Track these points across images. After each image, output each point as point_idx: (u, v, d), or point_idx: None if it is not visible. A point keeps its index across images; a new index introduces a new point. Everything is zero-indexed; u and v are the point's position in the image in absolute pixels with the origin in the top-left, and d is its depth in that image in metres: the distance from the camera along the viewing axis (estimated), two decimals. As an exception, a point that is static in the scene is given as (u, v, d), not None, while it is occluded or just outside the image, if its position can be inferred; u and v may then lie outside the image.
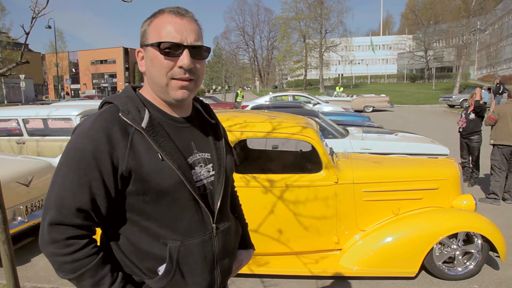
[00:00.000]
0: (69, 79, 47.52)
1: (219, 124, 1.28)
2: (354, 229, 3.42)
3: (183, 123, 1.14)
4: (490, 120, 5.77)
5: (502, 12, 46.48)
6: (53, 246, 0.98)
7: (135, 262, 1.08)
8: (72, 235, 0.98)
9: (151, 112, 1.08)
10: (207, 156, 1.17)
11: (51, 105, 8.10)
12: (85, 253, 0.99)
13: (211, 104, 19.16)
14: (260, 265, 3.35)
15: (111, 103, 1.09)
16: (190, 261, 1.09)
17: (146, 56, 1.09)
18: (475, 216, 3.41)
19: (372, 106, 22.22)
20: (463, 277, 3.43)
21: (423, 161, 4.16)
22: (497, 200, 5.64)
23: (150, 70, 1.08)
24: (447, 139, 8.94)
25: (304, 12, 47.21)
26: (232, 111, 5.36)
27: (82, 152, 0.99)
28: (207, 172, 1.15)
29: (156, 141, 1.04)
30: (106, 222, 1.07)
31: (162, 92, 1.08)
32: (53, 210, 0.98)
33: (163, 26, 1.05)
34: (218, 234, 1.15)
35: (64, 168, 1.01)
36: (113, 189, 1.02)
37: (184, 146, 1.11)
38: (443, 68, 57.35)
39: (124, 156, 1.01)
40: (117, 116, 1.04)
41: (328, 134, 5.95)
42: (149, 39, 1.07)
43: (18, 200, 3.89)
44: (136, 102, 1.08)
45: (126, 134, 1.02)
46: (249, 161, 4.31)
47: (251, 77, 75.20)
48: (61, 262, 0.99)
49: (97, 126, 1.01)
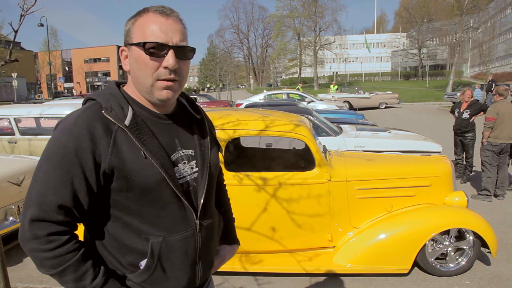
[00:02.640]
0: (62, 77, 47.11)
1: (205, 119, 1.27)
2: (348, 227, 3.43)
3: (167, 120, 1.14)
4: (489, 121, 5.69)
5: (494, 10, 46.82)
6: (34, 242, 0.97)
7: (117, 257, 1.08)
8: (53, 231, 0.98)
9: (135, 110, 1.07)
10: (190, 152, 1.17)
11: (44, 104, 8.02)
12: (67, 248, 0.99)
13: (206, 103, 19.20)
14: (254, 263, 3.35)
15: (95, 99, 1.08)
16: (171, 257, 1.10)
17: (130, 55, 1.08)
18: (466, 213, 3.44)
19: (385, 103, 22.94)
20: (455, 273, 3.46)
21: (415, 158, 4.19)
22: (489, 197, 5.69)
23: (134, 69, 1.08)
24: (440, 136, 9.00)
25: (298, 10, 47.26)
26: (226, 109, 5.35)
27: (64, 148, 0.99)
28: (190, 169, 1.15)
29: (139, 138, 1.04)
30: (89, 218, 1.07)
31: (147, 92, 1.08)
32: (35, 207, 0.98)
33: (148, 26, 1.04)
34: (202, 230, 1.16)
35: (46, 164, 1.00)
36: (95, 186, 1.02)
37: (168, 143, 1.11)
38: (437, 66, 57.72)
39: (106, 153, 1.00)
40: (100, 113, 1.03)
41: (322, 132, 5.97)
42: (133, 38, 1.06)
43: (10, 200, 3.86)
44: (119, 99, 1.08)
45: (109, 132, 1.02)
46: (243, 159, 4.31)
47: (246, 75, 75.13)
48: (42, 258, 0.98)
49: (80, 123, 1.01)
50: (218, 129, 3.28)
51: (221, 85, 40.17)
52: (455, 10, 32.53)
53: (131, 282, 1.10)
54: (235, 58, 66.06)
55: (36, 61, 59.78)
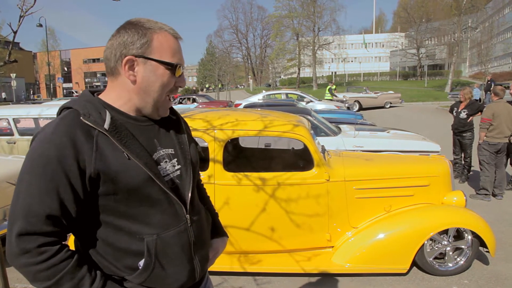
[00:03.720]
0: (61, 78, 47.11)
1: (181, 119, 1.31)
2: (346, 227, 3.44)
3: (145, 122, 1.16)
4: (485, 122, 5.69)
5: (492, 10, 46.93)
6: (24, 257, 0.95)
7: (113, 262, 1.08)
8: (43, 242, 0.96)
9: (112, 114, 1.08)
10: (170, 151, 1.19)
11: (42, 104, 8.02)
12: (60, 258, 0.98)
13: (205, 103, 19.17)
14: (253, 263, 3.35)
15: (70, 108, 1.08)
16: (168, 253, 1.11)
17: (146, 68, 1.09)
18: (465, 212, 3.45)
19: (390, 102, 23.29)
20: (454, 273, 3.46)
21: (414, 158, 4.20)
22: (488, 196, 5.70)
23: (149, 83, 1.10)
24: (439, 136, 9.01)
25: (297, 10, 47.15)
26: (225, 109, 5.36)
27: (46, 158, 0.98)
28: (172, 167, 1.18)
29: (121, 141, 1.05)
30: (78, 226, 1.07)
31: (152, 107, 1.14)
32: (21, 220, 0.95)
33: (170, 47, 1.11)
34: (193, 223, 1.19)
35: (28, 175, 0.98)
36: (82, 193, 1.01)
37: (148, 144, 1.13)
38: (435, 66, 57.77)
39: (90, 158, 1.00)
40: (79, 119, 1.03)
41: (321, 132, 5.97)
42: (154, 54, 1.09)
43: (9, 201, 3.83)
44: (96, 105, 1.08)
45: (90, 137, 1.02)
46: (241, 159, 4.31)
47: (245, 75, 75.15)
48: (35, 271, 0.96)
49: (59, 131, 1.00)
50: (217, 129, 3.28)
51: (220, 85, 40.17)
52: (453, 10, 32.59)
53: (131, 284, 1.09)
54: (234, 58, 66.19)
55: (35, 61, 59.71)
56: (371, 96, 22.56)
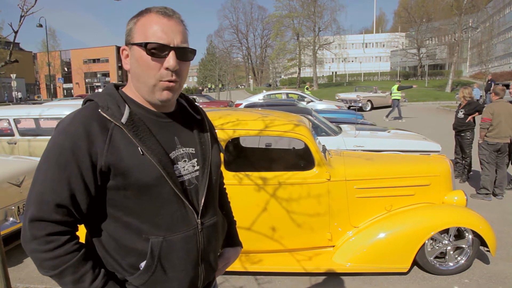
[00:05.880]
0: (61, 78, 47.10)
1: (205, 119, 1.27)
2: (347, 226, 3.44)
3: (166, 119, 1.14)
4: (484, 122, 5.69)
5: (493, 10, 46.85)
6: (34, 242, 0.98)
7: (117, 259, 1.08)
8: (52, 231, 0.98)
9: (132, 108, 1.08)
10: (191, 150, 1.16)
11: (43, 105, 8.03)
12: (66, 249, 0.99)
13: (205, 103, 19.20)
14: (254, 263, 3.35)
15: (92, 100, 1.09)
16: (172, 257, 1.08)
17: (131, 54, 1.09)
18: (466, 212, 3.45)
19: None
20: (455, 272, 3.47)
21: (415, 157, 4.19)
22: (488, 196, 5.70)
23: (135, 69, 1.08)
24: (439, 135, 9.01)
25: (297, 10, 47.13)
26: (226, 109, 5.36)
27: (61, 148, 1.00)
28: (191, 167, 1.15)
29: (136, 135, 1.04)
30: (88, 218, 1.07)
31: (147, 92, 1.08)
32: (33, 206, 0.98)
33: (150, 26, 1.05)
34: (204, 229, 1.14)
35: (44, 164, 1.01)
36: (93, 185, 1.02)
37: (167, 141, 1.11)
38: (436, 66, 57.75)
39: (102, 151, 1.00)
40: (97, 112, 1.04)
41: (321, 132, 5.98)
42: (135, 38, 1.07)
43: (10, 201, 3.86)
44: (116, 98, 1.08)
45: (105, 130, 1.02)
46: (242, 159, 4.31)
47: (245, 75, 75.12)
48: (42, 259, 0.98)
49: (76, 122, 1.02)
50: (217, 129, 3.28)
51: (220, 85, 40.18)
52: (454, 10, 32.56)
53: (132, 286, 1.08)
54: (234, 58, 66.18)
55: (35, 61, 59.73)
56: (378, 95, 22.78)
